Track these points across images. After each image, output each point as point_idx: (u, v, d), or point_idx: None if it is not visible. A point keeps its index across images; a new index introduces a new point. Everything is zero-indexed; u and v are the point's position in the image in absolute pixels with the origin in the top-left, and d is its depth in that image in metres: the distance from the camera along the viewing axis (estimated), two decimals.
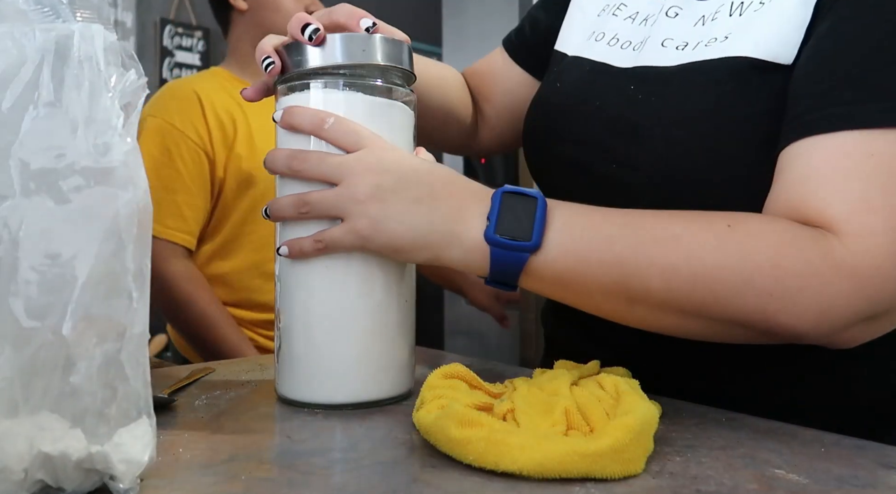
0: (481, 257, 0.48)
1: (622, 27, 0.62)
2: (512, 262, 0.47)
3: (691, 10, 0.57)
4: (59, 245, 0.32)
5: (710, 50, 0.53)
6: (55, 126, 0.33)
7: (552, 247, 0.47)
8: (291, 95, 0.53)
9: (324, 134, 0.50)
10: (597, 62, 0.62)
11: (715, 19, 0.54)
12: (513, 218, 0.47)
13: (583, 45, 0.64)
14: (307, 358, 0.52)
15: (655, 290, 0.46)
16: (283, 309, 0.53)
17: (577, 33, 0.66)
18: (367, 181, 0.48)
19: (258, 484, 0.36)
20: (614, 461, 0.37)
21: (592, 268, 0.46)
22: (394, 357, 0.53)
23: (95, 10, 0.35)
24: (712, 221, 0.46)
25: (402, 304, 0.54)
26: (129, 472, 0.33)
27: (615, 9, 0.64)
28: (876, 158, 0.44)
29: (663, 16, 0.58)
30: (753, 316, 0.45)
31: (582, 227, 0.47)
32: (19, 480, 0.32)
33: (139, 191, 0.34)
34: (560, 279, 0.47)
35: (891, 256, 0.43)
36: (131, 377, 0.34)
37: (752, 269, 0.44)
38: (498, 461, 0.37)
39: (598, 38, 0.63)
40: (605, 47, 0.61)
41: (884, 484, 0.37)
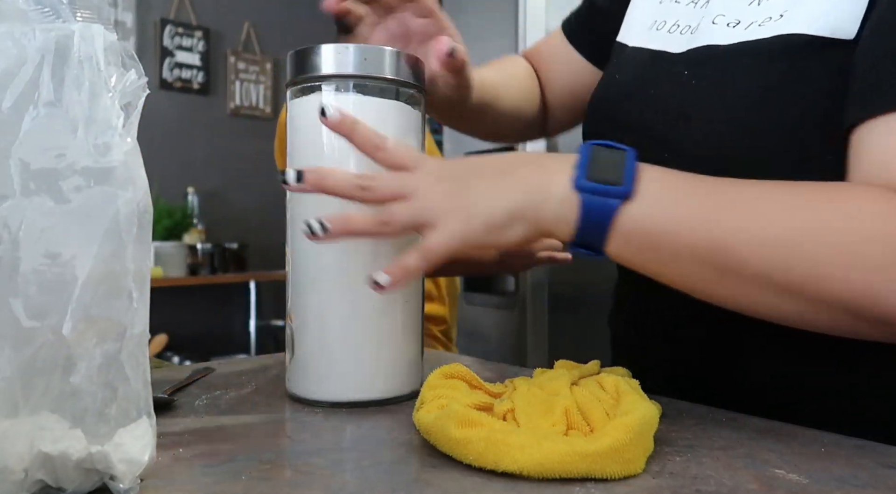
0: (570, 210, 0.44)
1: (684, 12, 0.60)
2: (601, 210, 0.43)
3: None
4: (59, 245, 0.32)
5: (764, 29, 0.51)
6: (55, 126, 0.33)
7: (645, 197, 0.43)
8: (303, 97, 0.53)
9: (381, 157, 0.48)
10: (655, 51, 0.60)
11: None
12: (602, 165, 0.44)
13: (644, 36, 0.62)
14: (316, 357, 0.53)
15: (749, 258, 0.41)
16: (295, 309, 0.54)
17: (638, 23, 0.65)
18: (442, 188, 0.46)
19: (258, 484, 0.36)
20: (614, 461, 0.37)
21: (686, 226, 0.43)
22: (402, 356, 0.54)
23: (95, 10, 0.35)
24: (816, 188, 0.43)
25: (410, 304, 0.54)
26: (129, 472, 0.33)
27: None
28: None
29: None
30: (859, 296, 0.40)
31: (676, 182, 0.45)
32: (19, 480, 0.32)
33: (139, 191, 0.34)
34: (650, 238, 0.44)
35: None
36: (131, 377, 0.34)
37: (860, 239, 0.40)
38: (498, 461, 0.37)
39: (659, 27, 0.61)
40: (666, 34, 0.60)
41: (884, 484, 0.37)
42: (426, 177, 0.47)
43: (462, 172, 0.47)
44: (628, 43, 0.65)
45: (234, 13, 3.54)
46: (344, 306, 0.52)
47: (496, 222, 0.45)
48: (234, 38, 3.56)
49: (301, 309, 0.53)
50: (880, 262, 0.39)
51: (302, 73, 0.53)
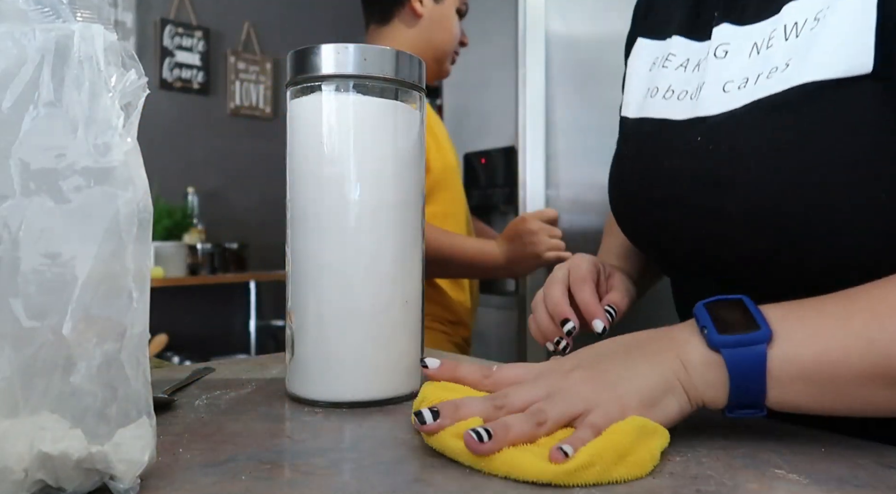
0: (718, 371, 0.42)
1: (675, 77, 0.59)
2: (751, 361, 0.41)
3: (741, 42, 0.54)
4: (59, 245, 0.32)
5: (774, 82, 0.49)
6: (55, 126, 0.33)
7: (786, 336, 0.41)
8: (303, 97, 0.53)
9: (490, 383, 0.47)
10: (656, 120, 0.59)
11: (770, 46, 0.51)
12: (727, 318, 0.43)
13: (641, 105, 0.62)
14: (316, 357, 0.53)
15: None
16: (295, 309, 0.54)
17: (634, 93, 0.64)
18: (573, 378, 0.44)
19: (258, 484, 0.36)
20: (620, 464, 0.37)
21: (836, 352, 0.41)
22: (403, 357, 0.54)
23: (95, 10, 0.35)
24: None
25: (409, 304, 0.54)
26: (129, 472, 0.33)
27: (664, 60, 0.61)
28: None
29: (712, 57, 0.55)
30: None
31: (803, 311, 0.43)
32: (19, 480, 0.32)
33: (139, 191, 0.34)
34: (810, 375, 0.41)
35: None
36: (131, 377, 0.34)
37: None
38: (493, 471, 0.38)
39: (653, 94, 0.61)
40: (662, 102, 0.59)
41: (884, 484, 0.37)
42: (554, 374, 0.45)
43: (586, 361, 0.46)
44: (629, 115, 0.64)
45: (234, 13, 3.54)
46: (344, 307, 0.52)
47: (647, 400, 0.42)
48: (234, 38, 3.56)
49: (301, 309, 0.53)
50: None
51: (302, 73, 0.53)
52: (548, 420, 0.41)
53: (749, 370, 0.41)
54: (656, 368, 0.43)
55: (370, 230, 0.52)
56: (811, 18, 0.49)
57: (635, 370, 0.43)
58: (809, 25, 0.49)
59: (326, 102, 0.52)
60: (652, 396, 0.42)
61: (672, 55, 0.60)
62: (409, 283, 0.54)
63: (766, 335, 0.41)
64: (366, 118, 0.52)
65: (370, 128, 0.52)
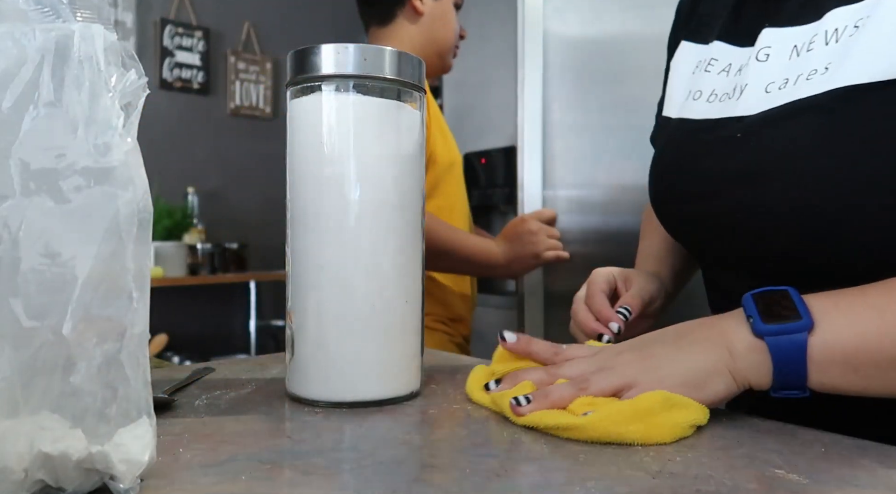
0: (762, 357, 0.46)
1: (718, 81, 0.61)
2: (793, 348, 0.45)
3: (781, 45, 0.56)
4: (59, 245, 0.32)
5: (813, 84, 0.51)
6: (55, 126, 0.33)
7: (826, 324, 0.45)
8: (303, 97, 0.53)
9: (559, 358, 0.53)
10: (698, 120, 0.61)
11: (811, 50, 0.53)
12: (773, 307, 0.46)
13: (684, 106, 0.64)
14: (316, 358, 0.53)
15: None
16: (294, 309, 0.54)
17: (677, 94, 0.67)
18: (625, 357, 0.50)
19: (258, 484, 0.36)
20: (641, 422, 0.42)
21: (873, 339, 0.44)
22: (402, 357, 0.54)
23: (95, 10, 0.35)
24: None
25: (409, 304, 0.54)
26: (129, 472, 0.33)
27: (707, 65, 0.64)
28: None
29: (754, 61, 0.57)
30: None
31: (843, 300, 0.46)
32: (19, 480, 0.32)
33: (139, 191, 0.34)
34: (848, 360, 0.44)
35: None
36: (131, 377, 0.34)
37: None
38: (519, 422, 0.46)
39: (696, 97, 0.63)
40: (706, 105, 0.61)
41: (884, 484, 0.37)
42: (606, 353, 0.51)
43: (639, 344, 0.51)
44: (671, 115, 0.67)
45: (234, 13, 3.54)
46: (344, 307, 0.52)
47: (691, 381, 0.47)
48: (234, 38, 3.56)
49: (301, 309, 0.53)
50: None
51: (302, 73, 0.53)
52: (589, 389, 0.47)
53: (790, 357, 0.45)
54: (702, 354, 0.47)
55: (370, 230, 0.52)
56: (851, 26, 0.50)
57: (682, 355, 0.48)
58: (849, 32, 0.50)
59: (326, 102, 0.52)
60: (697, 378, 0.47)
61: (714, 60, 0.63)
62: (410, 283, 0.54)
63: (807, 324, 0.44)
64: (366, 118, 0.52)
65: (370, 128, 0.52)
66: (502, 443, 0.44)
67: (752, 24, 0.60)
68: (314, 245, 0.52)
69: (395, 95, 0.54)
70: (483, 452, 0.42)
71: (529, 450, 0.43)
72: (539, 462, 0.40)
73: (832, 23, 0.52)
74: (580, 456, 0.41)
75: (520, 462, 0.41)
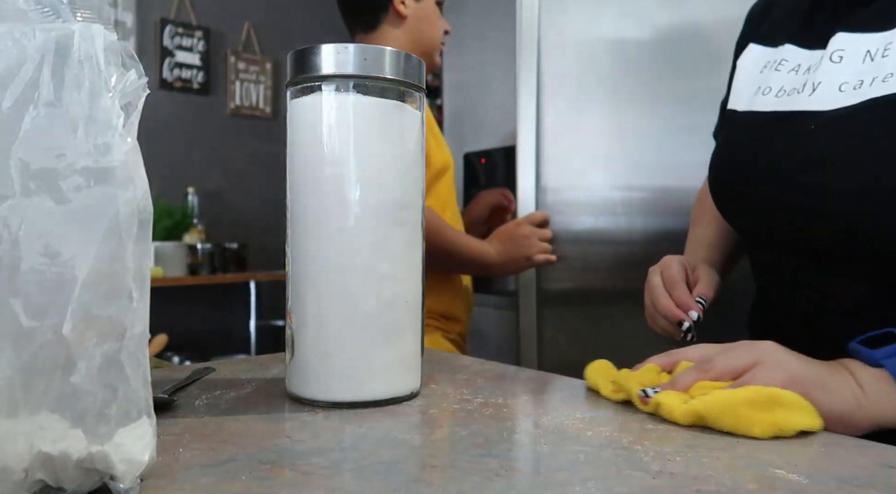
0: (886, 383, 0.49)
1: (787, 79, 0.66)
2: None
3: (854, 48, 0.60)
4: (59, 245, 0.32)
5: (889, 85, 0.56)
6: (55, 126, 0.33)
7: None
8: (303, 97, 0.53)
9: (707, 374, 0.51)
10: (769, 112, 0.66)
11: (886, 55, 0.57)
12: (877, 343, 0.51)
13: (752, 100, 0.69)
14: (316, 358, 0.52)
15: None
16: (294, 309, 0.54)
17: (744, 90, 0.71)
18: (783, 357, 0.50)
19: (258, 484, 0.36)
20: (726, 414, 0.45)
21: None
22: (402, 357, 0.54)
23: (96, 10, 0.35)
24: None
25: (409, 304, 0.54)
26: (129, 472, 0.33)
27: (777, 64, 0.68)
28: None
29: (827, 61, 0.62)
30: None
31: None
32: (19, 480, 0.32)
33: (139, 191, 0.34)
34: None
35: None
36: (131, 377, 0.34)
37: None
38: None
39: (765, 93, 0.67)
40: (774, 99, 0.66)
41: (884, 484, 0.37)
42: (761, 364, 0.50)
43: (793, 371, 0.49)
44: (738, 108, 0.71)
45: (234, 13, 3.54)
46: (344, 307, 0.52)
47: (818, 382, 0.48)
48: (234, 38, 3.55)
49: (301, 309, 0.53)
50: None
51: (302, 73, 0.53)
52: (713, 370, 0.49)
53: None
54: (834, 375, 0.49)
55: (370, 230, 0.52)
56: None
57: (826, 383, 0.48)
58: None
59: (326, 102, 0.52)
60: (825, 381, 0.48)
61: (784, 61, 0.68)
62: (410, 283, 0.54)
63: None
64: (366, 118, 0.52)
65: (370, 128, 0.52)
66: (502, 443, 0.44)
67: (825, 29, 0.64)
68: (314, 245, 0.52)
69: (395, 95, 0.54)
70: (483, 452, 0.42)
71: (529, 450, 0.43)
72: (539, 462, 0.40)
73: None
74: (580, 456, 0.41)
75: (520, 462, 0.41)
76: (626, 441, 0.44)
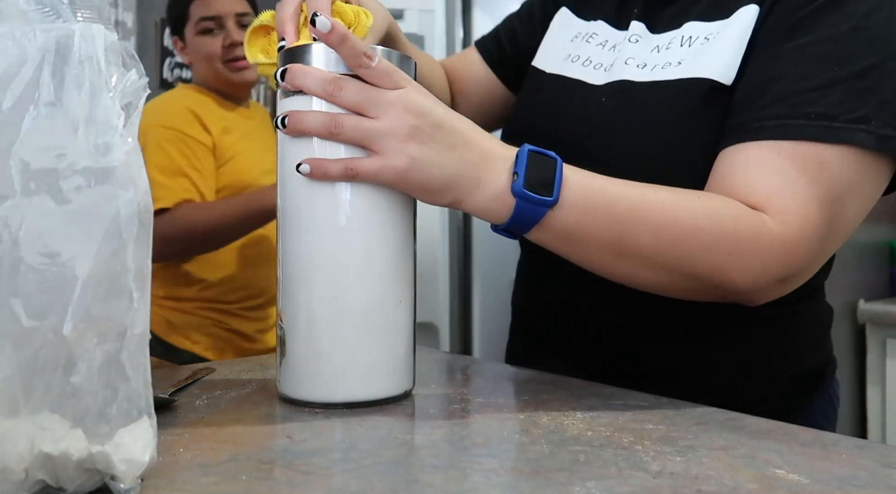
0: (503, 208, 0.52)
1: (594, 52, 0.72)
2: (531, 215, 0.52)
3: (647, 41, 0.68)
4: (59, 245, 0.32)
5: (667, 72, 0.63)
6: (56, 126, 0.33)
7: (566, 204, 0.52)
8: (293, 96, 0.53)
9: (365, 73, 0.50)
10: (574, 79, 0.71)
11: (669, 48, 0.65)
12: (538, 175, 0.52)
13: (560, 65, 0.73)
14: (308, 358, 0.52)
15: (644, 246, 0.54)
16: (285, 309, 0.53)
17: (553, 54, 0.76)
18: (406, 121, 0.49)
19: (258, 484, 0.36)
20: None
21: (596, 224, 0.53)
22: (393, 357, 0.53)
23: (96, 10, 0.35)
24: (689, 194, 0.56)
25: (402, 304, 0.54)
26: (129, 472, 0.33)
27: (587, 37, 0.74)
28: (783, 157, 0.55)
29: (626, 41, 0.69)
30: (713, 272, 0.54)
31: (592, 188, 0.54)
32: (20, 480, 0.32)
33: (140, 191, 0.34)
34: (566, 233, 0.53)
35: (805, 229, 0.54)
36: (132, 377, 0.34)
37: (719, 232, 0.53)
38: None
39: (573, 60, 0.73)
40: (581, 67, 0.71)
41: (884, 484, 0.37)
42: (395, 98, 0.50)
43: (428, 124, 0.50)
44: (546, 69, 0.75)
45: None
46: (336, 306, 0.52)
47: (429, 185, 0.51)
48: None
49: (292, 309, 0.53)
50: (731, 248, 0.54)
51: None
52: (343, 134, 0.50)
53: (525, 221, 0.52)
54: (458, 172, 0.51)
55: (362, 230, 0.52)
56: (702, 37, 0.63)
57: (442, 161, 0.50)
58: (700, 41, 0.63)
59: (317, 101, 0.52)
60: (433, 188, 0.51)
61: (595, 34, 0.73)
62: (402, 282, 0.54)
63: (553, 202, 0.51)
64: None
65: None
66: (502, 443, 0.44)
67: (629, 17, 0.70)
68: (306, 245, 0.52)
69: None
70: (483, 452, 0.42)
71: (529, 450, 0.43)
72: (539, 462, 0.40)
73: (688, 32, 0.65)
74: (580, 456, 0.41)
75: (520, 462, 0.41)
76: (626, 441, 0.44)
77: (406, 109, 0.50)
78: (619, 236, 0.54)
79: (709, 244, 0.54)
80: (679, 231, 0.54)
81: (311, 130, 0.51)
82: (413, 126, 0.49)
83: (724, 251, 0.54)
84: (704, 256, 0.54)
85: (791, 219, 0.54)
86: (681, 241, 0.54)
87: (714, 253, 0.54)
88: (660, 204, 0.54)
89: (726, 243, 0.54)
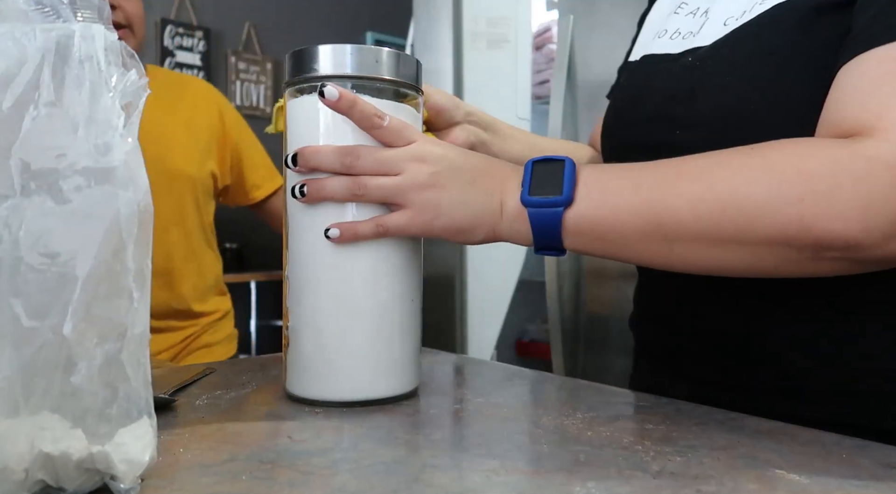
0: (524, 224, 0.51)
1: (683, 22, 0.65)
2: (549, 219, 0.50)
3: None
4: (59, 245, 0.32)
5: (764, 5, 0.55)
6: (56, 126, 0.33)
7: (583, 199, 0.49)
8: (301, 97, 0.53)
9: (378, 133, 0.51)
10: (659, 54, 0.65)
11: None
12: (544, 180, 0.50)
13: (648, 46, 0.68)
14: (315, 356, 0.52)
15: (686, 222, 0.47)
16: (292, 308, 0.54)
17: (643, 39, 0.71)
18: (425, 171, 0.51)
19: (258, 484, 0.36)
20: None
21: (623, 213, 0.48)
22: (400, 356, 0.54)
23: (96, 10, 0.35)
24: (735, 150, 0.48)
25: (408, 303, 0.54)
26: (129, 472, 0.33)
27: (677, 8, 0.68)
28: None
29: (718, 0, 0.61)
30: (791, 229, 0.44)
31: (609, 177, 0.50)
32: (20, 480, 0.32)
33: (140, 191, 0.34)
34: (596, 231, 0.50)
35: None
36: (132, 377, 0.34)
37: (776, 179, 0.44)
38: None
39: (660, 36, 0.67)
40: (668, 41, 0.65)
41: (884, 484, 0.37)
42: (409, 154, 0.51)
43: (445, 169, 0.51)
44: (633, 59, 0.70)
45: (235, 13, 3.54)
46: (341, 306, 0.52)
47: (459, 226, 0.51)
48: (235, 38, 3.55)
49: (298, 309, 0.53)
50: (801, 193, 0.44)
51: (300, 73, 0.53)
52: (366, 195, 0.51)
53: (547, 227, 0.50)
54: (480, 206, 0.51)
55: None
56: None
57: (464, 199, 0.51)
58: None
59: (323, 116, 0.52)
60: (461, 227, 0.51)
61: (685, 4, 0.67)
62: (408, 281, 0.54)
63: (564, 199, 0.49)
64: None
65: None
66: (502, 443, 0.44)
67: None
68: (312, 244, 0.52)
69: (392, 95, 0.54)
70: (483, 452, 0.42)
71: (529, 450, 0.43)
72: (539, 462, 0.40)
73: None
74: (580, 456, 0.41)
75: (520, 462, 0.41)
76: (626, 441, 0.44)
77: (422, 160, 0.51)
78: (655, 220, 0.47)
79: (764, 197, 0.44)
80: (721, 194, 0.45)
81: (336, 197, 0.51)
82: (432, 173, 0.51)
83: (792, 199, 0.44)
84: (767, 212, 0.44)
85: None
86: (728, 205, 0.45)
87: (779, 206, 0.44)
88: (694, 172, 0.47)
89: (790, 188, 0.44)
